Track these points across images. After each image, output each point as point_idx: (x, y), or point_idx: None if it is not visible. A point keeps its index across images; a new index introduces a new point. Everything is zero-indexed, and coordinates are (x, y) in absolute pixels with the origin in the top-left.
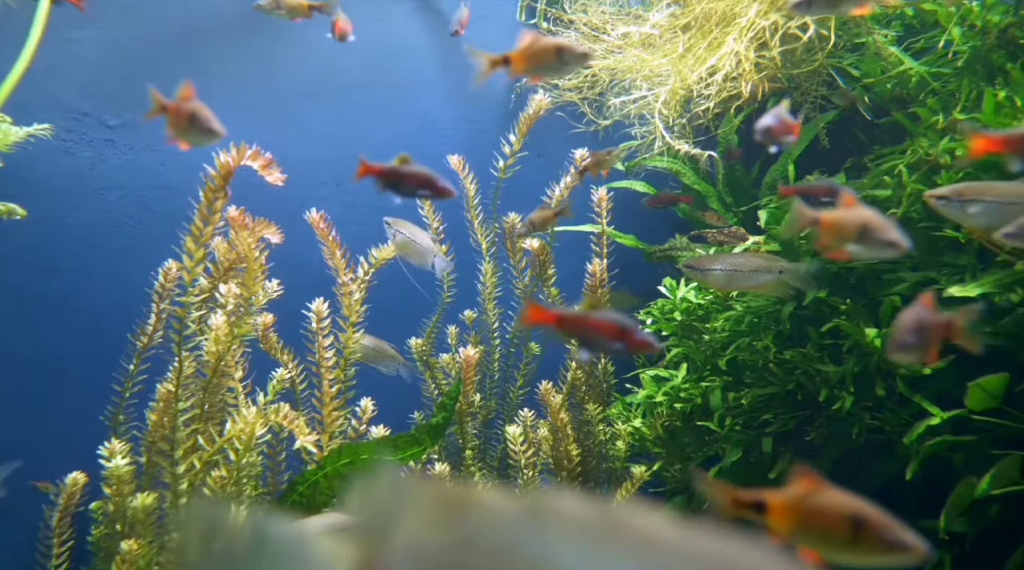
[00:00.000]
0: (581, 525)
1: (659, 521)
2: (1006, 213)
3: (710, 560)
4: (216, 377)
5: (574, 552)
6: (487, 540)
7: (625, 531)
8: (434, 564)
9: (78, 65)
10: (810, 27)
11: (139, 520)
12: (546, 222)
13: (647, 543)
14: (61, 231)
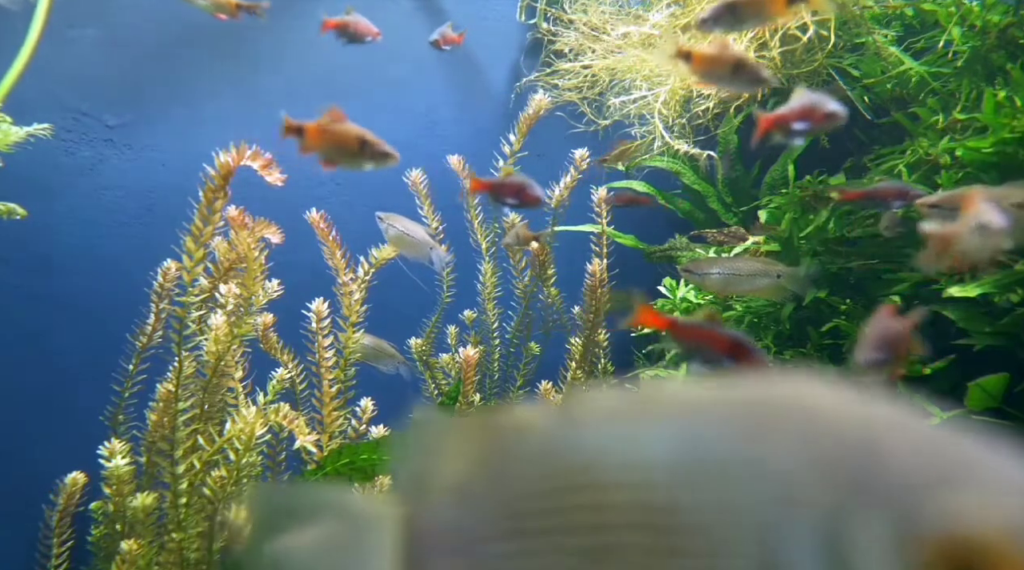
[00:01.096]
0: (612, 413)
1: (687, 387)
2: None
3: (749, 403)
4: (216, 377)
5: (613, 440)
6: (528, 462)
7: (656, 404)
8: (479, 501)
9: (78, 64)
10: (810, 28)
11: (139, 520)
12: (528, 240)
13: (682, 407)
14: (61, 231)
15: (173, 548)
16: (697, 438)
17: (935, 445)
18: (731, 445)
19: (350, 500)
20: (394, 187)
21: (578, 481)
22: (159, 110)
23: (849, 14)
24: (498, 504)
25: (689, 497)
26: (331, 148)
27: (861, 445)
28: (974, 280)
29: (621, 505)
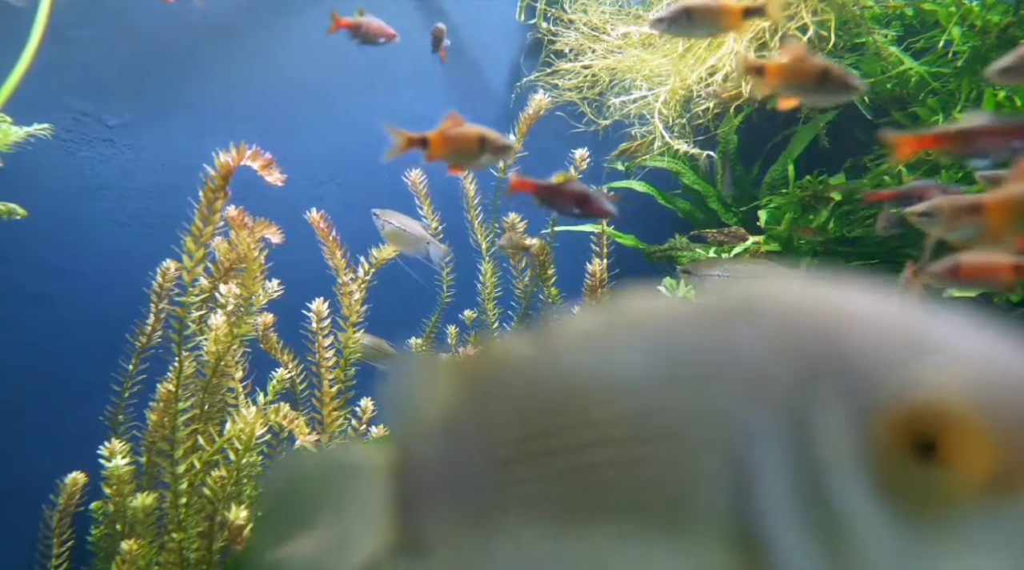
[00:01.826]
0: (588, 333)
1: (659, 299)
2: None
3: (717, 307)
4: (216, 377)
5: (588, 358)
6: (509, 392)
7: (630, 319)
8: (464, 435)
9: (78, 65)
10: (810, 28)
11: (139, 520)
12: (522, 246)
13: (654, 319)
14: (61, 231)
15: (173, 548)
16: (666, 346)
17: (898, 324)
18: (698, 348)
19: (347, 453)
20: (394, 187)
21: (556, 404)
22: (159, 110)
23: (849, 14)
24: (483, 436)
25: (659, 404)
26: (455, 153)
27: (824, 332)
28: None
29: (597, 422)
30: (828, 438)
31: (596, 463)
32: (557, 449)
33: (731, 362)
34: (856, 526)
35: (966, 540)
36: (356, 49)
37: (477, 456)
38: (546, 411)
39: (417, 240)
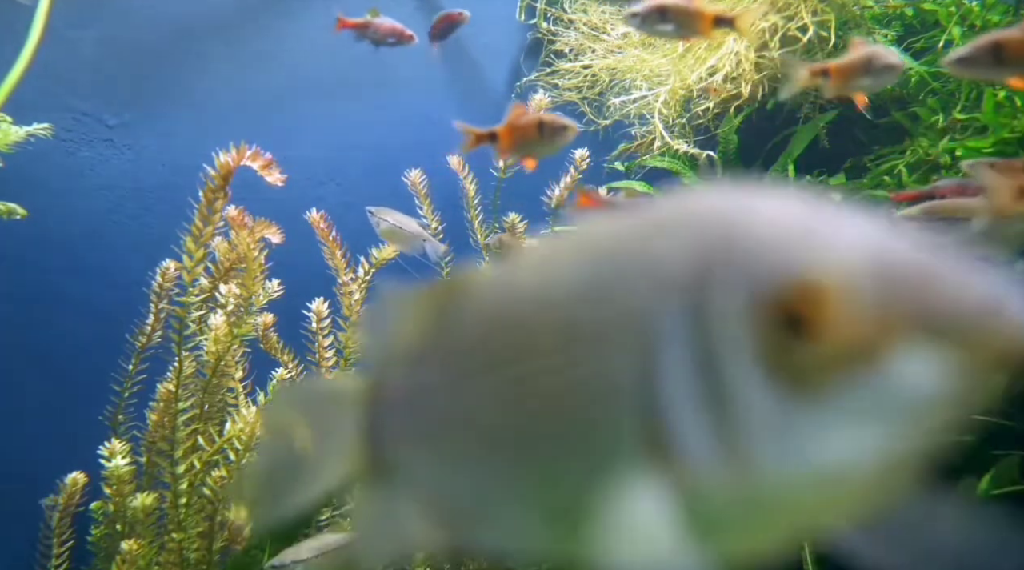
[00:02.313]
0: (540, 258)
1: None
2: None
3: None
4: (216, 377)
5: (533, 279)
6: (466, 316)
7: (573, 242)
8: (426, 358)
9: (78, 65)
10: (810, 29)
11: (139, 520)
12: (510, 249)
13: (591, 235)
14: (61, 231)
15: (173, 548)
16: (594, 260)
17: (792, 217)
18: (619, 259)
19: (331, 384)
20: (394, 187)
21: (503, 323)
22: (159, 110)
23: (849, 14)
24: (442, 358)
25: (584, 313)
26: (521, 144)
27: (724, 229)
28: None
29: (534, 334)
30: (721, 323)
31: (532, 371)
32: (500, 363)
33: (645, 267)
34: (744, 404)
35: (837, 410)
36: (356, 49)
37: (437, 378)
38: (494, 330)
39: (413, 237)
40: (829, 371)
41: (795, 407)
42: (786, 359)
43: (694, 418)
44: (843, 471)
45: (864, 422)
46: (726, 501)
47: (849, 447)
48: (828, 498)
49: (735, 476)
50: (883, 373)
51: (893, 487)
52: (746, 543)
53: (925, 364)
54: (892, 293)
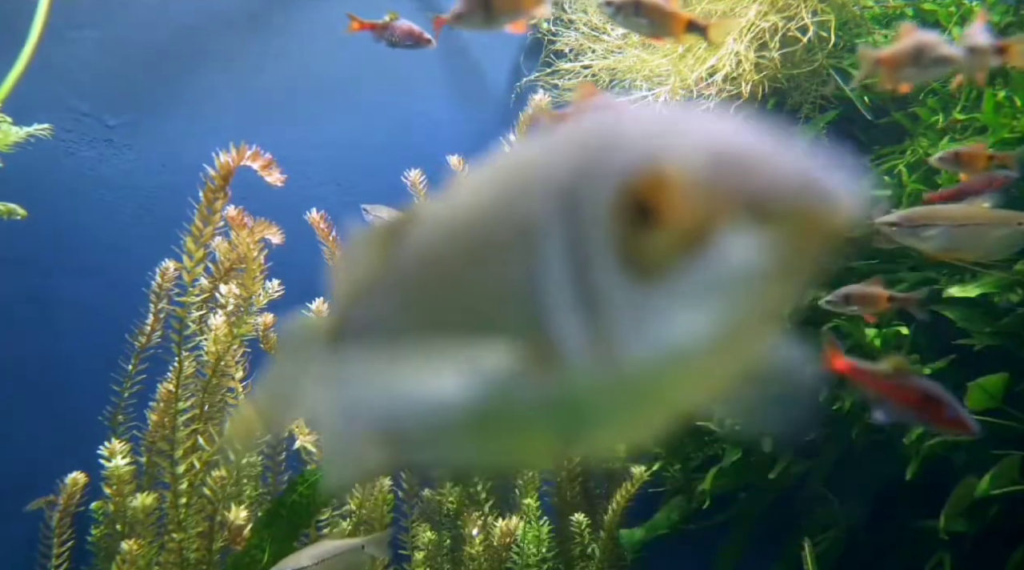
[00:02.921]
0: (460, 189)
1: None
2: (957, 236)
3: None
4: (216, 377)
5: (450, 213)
6: (407, 250)
7: (497, 168)
8: (377, 290)
9: (78, 65)
10: (810, 29)
11: (139, 520)
12: None
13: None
14: (61, 231)
15: (173, 548)
16: (497, 179)
17: (654, 120)
18: (525, 175)
19: (303, 321)
20: (394, 187)
21: (427, 250)
22: (159, 110)
23: (849, 14)
24: (386, 289)
25: (486, 228)
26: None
27: (599, 135)
28: (974, 280)
29: (449, 258)
30: (587, 220)
31: (450, 291)
32: (428, 286)
33: (533, 179)
34: (606, 297)
35: (681, 293)
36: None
37: (382, 309)
38: (422, 257)
39: None
40: (672, 255)
41: (647, 294)
42: (639, 248)
43: (568, 316)
44: (692, 349)
45: (704, 301)
46: (602, 393)
47: (694, 326)
48: (685, 377)
49: (605, 367)
50: (715, 253)
51: (740, 361)
52: (624, 431)
53: (752, 242)
54: (721, 177)
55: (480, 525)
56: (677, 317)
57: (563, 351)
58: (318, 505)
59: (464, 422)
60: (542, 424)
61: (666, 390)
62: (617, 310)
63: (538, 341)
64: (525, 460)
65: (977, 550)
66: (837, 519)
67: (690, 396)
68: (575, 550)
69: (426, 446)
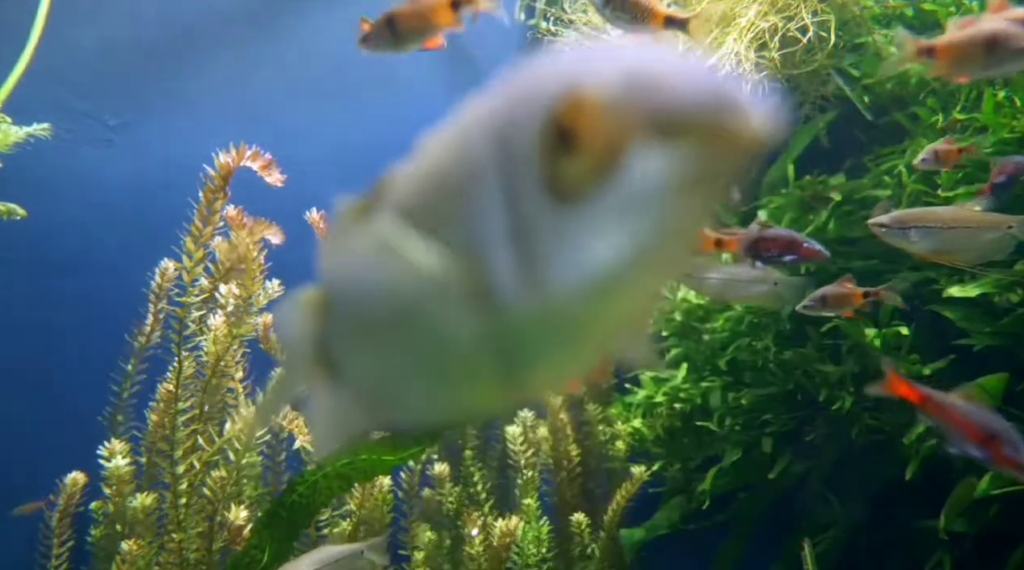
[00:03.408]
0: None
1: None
2: (946, 238)
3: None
4: (216, 377)
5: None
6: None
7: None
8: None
9: (78, 64)
10: (810, 29)
11: (139, 520)
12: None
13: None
14: (61, 231)
15: (173, 548)
16: (458, 126)
17: (588, 51)
18: (469, 118)
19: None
20: None
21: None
22: (159, 110)
23: (849, 14)
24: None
25: (448, 170)
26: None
27: (537, 74)
28: (973, 280)
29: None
30: (519, 153)
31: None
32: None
33: (482, 122)
34: (533, 223)
35: (601, 216)
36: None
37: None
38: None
39: None
40: (591, 178)
41: (571, 219)
42: (562, 174)
43: (500, 247)
44: (613, 270)
45: (622, 220)
46: (535, 323)
47: (614, 246)
48: (610, 301)
49: (535, 294)
50: (630, 171)
51: (660, 281)
52: (561, 366)
53: (664, 158)
54: (632, 96)
55: (480, 525)
56: (598, 239)
57: (497, 282)
58: (318, 505)
59: (414, 363)
60: (484, 363)
61: (594, 316)
62: (543, 237)
63: (476, 276)
64: (476, 406)
65: (977, 550)
66: (837, 519)
67: (618, 323)
68: (575, 550)
69: (387, 398)
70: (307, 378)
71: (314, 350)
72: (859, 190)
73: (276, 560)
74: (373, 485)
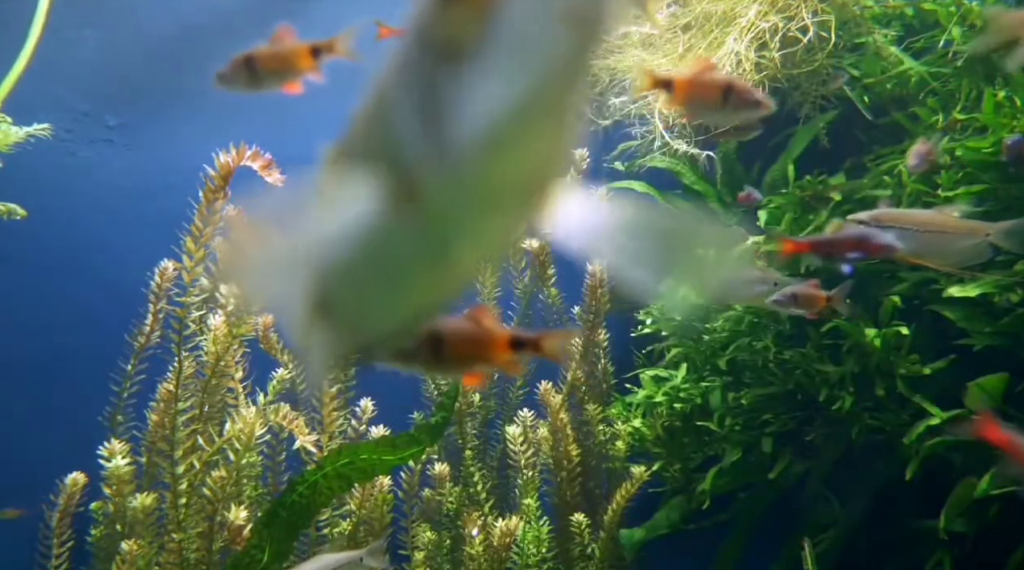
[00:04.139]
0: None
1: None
2: (922, 240)
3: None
4: (215, 377)
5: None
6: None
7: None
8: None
9: (78, 65)
10: (810, 29)
11: (139, 520)
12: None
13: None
14: (61, 231)
15: (173, 548)
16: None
17: None
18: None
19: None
20: None
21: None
22: (159, 110)
23: (849, 14)
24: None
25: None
26: (697, 103)
27: None
28: (973, 280)
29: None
30: (418, 31)
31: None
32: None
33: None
34: (433, 89)
35: (489, 67)
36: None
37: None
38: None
39: None
40: (473, 25)
41: (464, 77)
42: (450, 32)
43: (413, 131)
44: (509, 119)
45: (510, 66)
46: (455, 199)
47: (506, 94)
48: (516, 158)
49: (448, 165)
50: (508, 15)
51: (557, 133)
52: (487, 235)
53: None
54: None
55: (480, 525)
56: (491, 89)
57: (416, 168)
58: (318, 505)
59: (379, 279)
60: (425, 252)
61: (502, 174)
62: (445, 102)
63: (402, 174)
64: (431, 297)
65: (977, 550)
66: (837, 519)
67: (527, 182)
68: (575, 550)
69: (364, 317)
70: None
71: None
72: (859, 190)
73: (276, 560)
74: (373, 485)
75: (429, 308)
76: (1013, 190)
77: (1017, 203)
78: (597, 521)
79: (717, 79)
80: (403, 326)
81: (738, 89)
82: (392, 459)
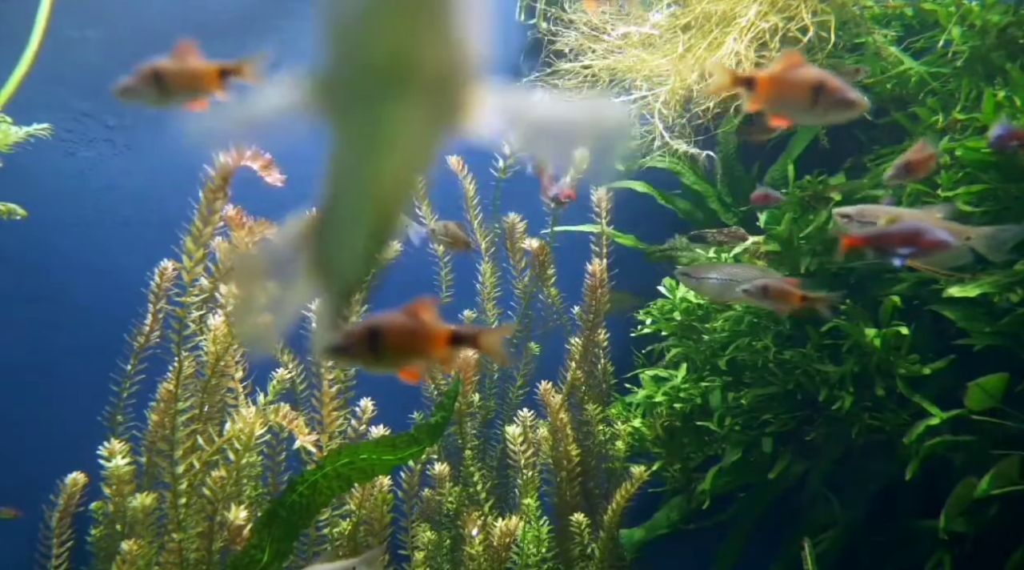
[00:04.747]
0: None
1: None
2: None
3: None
4: (215, 377)
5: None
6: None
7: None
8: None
9: (79, 65)
10: (810, 29)
11: (139, 520)
12: (459, 240)
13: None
14: (61, 231)
15: (173, 548)
16: None
17: None
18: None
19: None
20: None
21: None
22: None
23: (849, 14)
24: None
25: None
26: (782, 102)
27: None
28: (973, 280)
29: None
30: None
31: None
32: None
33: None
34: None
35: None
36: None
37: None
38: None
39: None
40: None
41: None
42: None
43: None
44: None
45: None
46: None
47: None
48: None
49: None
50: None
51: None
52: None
53: None
54: None
55: (480, 525)
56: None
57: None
58: (318, 505)
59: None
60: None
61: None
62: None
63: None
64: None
65: (977, 550)
66: (837, 519)
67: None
68: (575, 550)
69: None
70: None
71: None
72: (859, 190)
73: (276, 560)
74: (373, 485)
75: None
76: (1013, 190)
77: (1016, 203)
78: (597, 521)
79: (807, 77)
80: (368, 254)
81: (830, 88)
82: (392, 459)
